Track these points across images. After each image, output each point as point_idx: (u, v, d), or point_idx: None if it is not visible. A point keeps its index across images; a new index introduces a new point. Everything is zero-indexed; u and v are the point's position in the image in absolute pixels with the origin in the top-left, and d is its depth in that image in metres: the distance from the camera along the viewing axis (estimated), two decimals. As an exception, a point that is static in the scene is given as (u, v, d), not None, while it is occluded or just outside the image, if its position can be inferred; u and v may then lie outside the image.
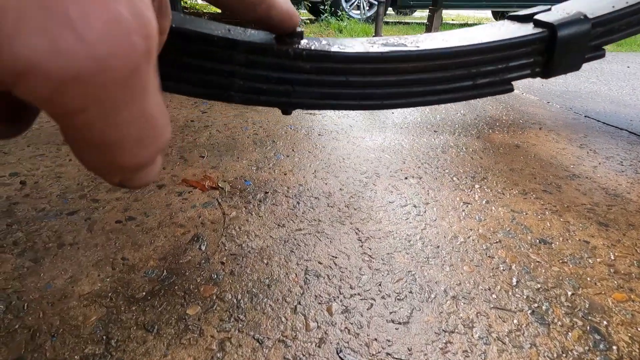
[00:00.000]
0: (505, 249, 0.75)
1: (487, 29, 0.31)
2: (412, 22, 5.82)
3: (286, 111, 0.31)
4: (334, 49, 0.26)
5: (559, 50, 0.29)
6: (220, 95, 0.27)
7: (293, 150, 1.17)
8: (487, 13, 7.63)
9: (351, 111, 1.58)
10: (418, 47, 0.28)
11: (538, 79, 1.99)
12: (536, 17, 0.30)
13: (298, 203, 0.88)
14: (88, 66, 0.09)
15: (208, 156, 1.11)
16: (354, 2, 5.02)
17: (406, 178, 1.03)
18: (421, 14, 7.53)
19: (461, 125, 1.48)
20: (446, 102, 0.30)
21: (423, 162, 1.13)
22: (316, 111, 1.57)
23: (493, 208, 0.89)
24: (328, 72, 0.27)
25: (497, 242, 0.77)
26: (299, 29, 0.26)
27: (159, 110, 0.13)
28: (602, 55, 0.30)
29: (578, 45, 0.29)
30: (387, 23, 5.36)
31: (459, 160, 1.15)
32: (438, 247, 0.74)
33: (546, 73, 0.30)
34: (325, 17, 4.71)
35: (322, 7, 4.81)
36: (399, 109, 1.63)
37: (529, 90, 2.11)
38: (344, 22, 4.45)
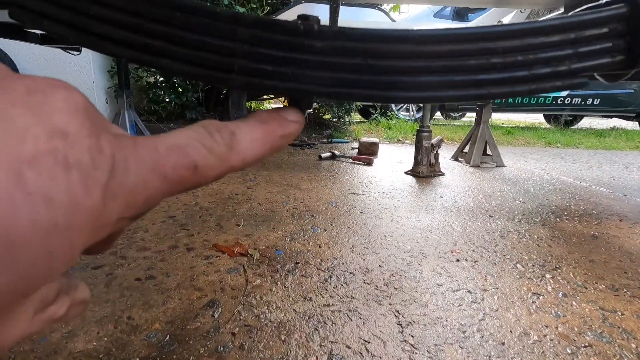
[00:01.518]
0: (601, 357, 0.56)
1: (547, 18, 0.25)
2: (461, 125, 6.00)
3: (298, 104, 0.26)
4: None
5: (646, 30, 0.22)
6: (220, 78, 0.24)
7: (332, 224, 1.11)
8: (540, 117, 7.68)
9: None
10: (458, 27, 0.23)
11: (607, 176, 1.79)
12: (608, -1, 0.25)
13: (330, 277, 0.78)
14: None
15: (244, 225, 1.08)
16: (403, 105, 5.37)
17: (458, 260, 0.89)
18: (470, 118, 7.79)
19: (521, 212, 1.33)
20: (494, 97, 0.24)
21: (478, 245, 0.99)
22: (359, 191, 1.53)
23: (574, 303, 0.71)
24: (343, 53, 0.23)
25: (586, 347, 0.58)
26: (314, 16, 0.23)
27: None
28: None
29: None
30: (434, 124, 5.58)
31: (521, 246, 0.99)
32: (503, 343, 0.58)
33: (632, 61, 0.24)
34: (375, 117, 5.05)
35: (371, 109, 5.20)
36: (448, 193, 1.54)
37: (598, 183, 1.91)
38: (393, 121, 4.71)
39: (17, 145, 0.10)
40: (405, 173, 1.95)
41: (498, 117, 8.09)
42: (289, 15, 2.17)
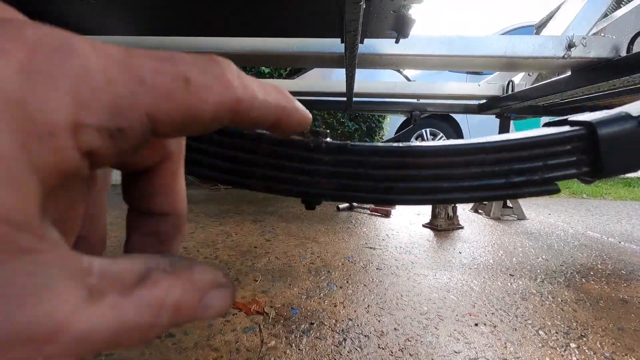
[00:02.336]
0: None
1: (520, 133, 0.30)
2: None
3: (310, 205, 0.31)
4: (354, 144, 0.28)
5: (604, 149, 0.26)
6: (243, 183, 0.29)
7: (347, 281, 1.11)
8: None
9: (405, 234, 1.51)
10: (440, 143, 0.28)
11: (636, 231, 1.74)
12: (571, 118, 0.29)
13: (344, 340, 0.78)
14: None
15: (261, 280, 1.10)
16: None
17: (476, 325, 0.86)
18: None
19: (544, 270, 1.29)
20: (477, 201, 0.28)
21: (497, 308, 0.96)
22: (376, 245, 1.54)
23: (601, 378, 0.67)
24: (346, 165, 0.28)
25: None
26: (324, 130, 0.28)
27: None
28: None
29: (628, 144, 0.26)
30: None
31: (544, 310, 0.96)
32: (523, 422, 0.55)
33: (596, 173, 0.27)
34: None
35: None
36: (467, 249, 1.52)
37: (627, 239, 1.84)
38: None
39: None
40: (423, 226, 1.94)
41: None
42: (308, 77, 2.34)
